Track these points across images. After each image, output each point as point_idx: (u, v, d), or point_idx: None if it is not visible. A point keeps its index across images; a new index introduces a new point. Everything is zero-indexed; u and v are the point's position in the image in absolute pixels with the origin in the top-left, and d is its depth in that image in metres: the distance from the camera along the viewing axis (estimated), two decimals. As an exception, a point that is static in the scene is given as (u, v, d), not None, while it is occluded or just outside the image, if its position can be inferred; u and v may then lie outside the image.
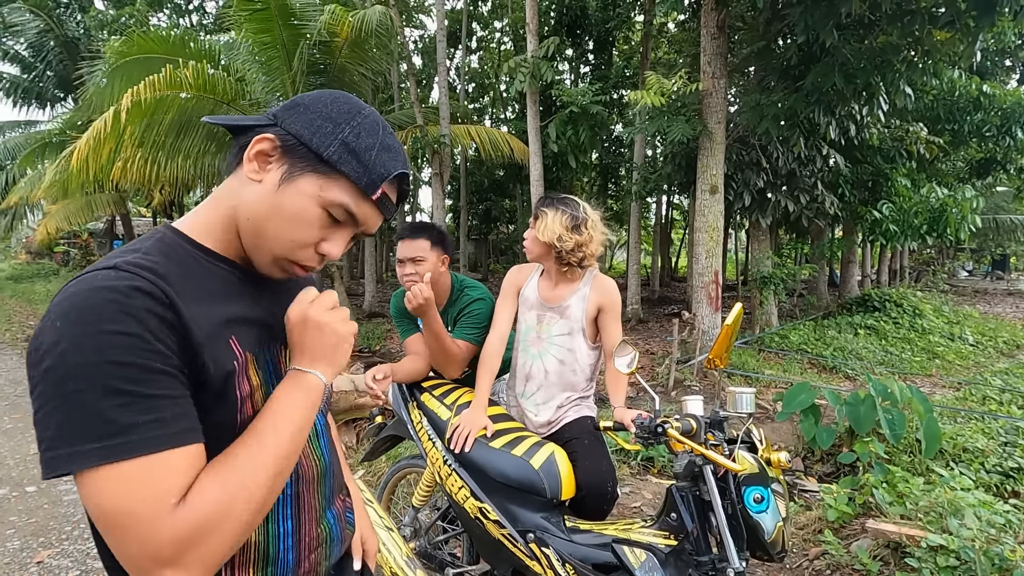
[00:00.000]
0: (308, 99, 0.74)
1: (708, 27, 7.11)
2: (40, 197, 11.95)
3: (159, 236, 0.72)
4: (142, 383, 0.58)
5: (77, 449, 0.56)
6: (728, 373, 6.38)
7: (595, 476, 1.79)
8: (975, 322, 10.79)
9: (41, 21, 14.80)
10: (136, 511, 0.57)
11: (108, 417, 0.57)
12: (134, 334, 0.59)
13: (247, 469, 0.63)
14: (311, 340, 0.74)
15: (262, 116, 0.75)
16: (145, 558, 0.57)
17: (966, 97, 8.91)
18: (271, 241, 0.73)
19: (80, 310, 0.58)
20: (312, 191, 0.71)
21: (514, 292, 2.10)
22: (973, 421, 4.39)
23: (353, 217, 0.74)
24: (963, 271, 23.73)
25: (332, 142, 0.71)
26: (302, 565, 0.77)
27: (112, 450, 0.56)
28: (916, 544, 2.31)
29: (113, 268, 0.62)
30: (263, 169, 0.72)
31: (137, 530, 0.57)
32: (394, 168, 0.75)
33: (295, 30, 8.43)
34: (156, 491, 0.58)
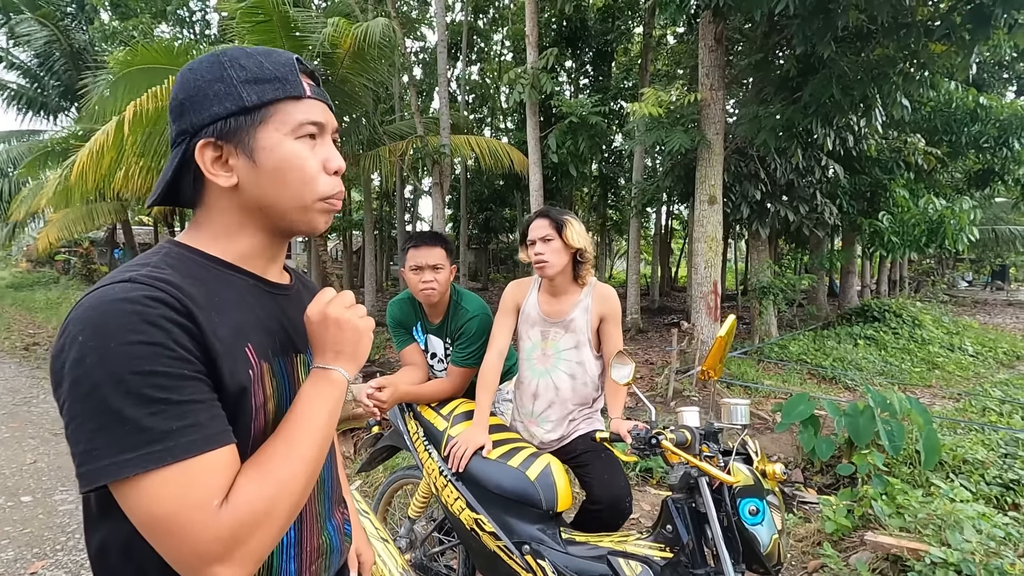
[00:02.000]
0: (183, 92, 0.72)
1: (706, 39, 7.17)
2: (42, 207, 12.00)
3: (165, 251, 0.72)
4: (172, 390, 0.60)
5: (117, 459, 0.57)
6: (727, 384, 6.37)
7: (614, 490, 1.79)
8: (975, 333, 10.77)
9: (48, 32, 14.95)
10: (184, 513, 0.58)
11: (144, 425, 0.58)
12: (158, 343, 0.60)
13: (284, 466, 0.65)
14: (332, 337, 0.75)
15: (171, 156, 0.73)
16: (196, 557, 0.59)
17: (963, 109, 8.96)
18: (295, 199, 0.73)
19: (102, 323, 0.59)
20: (276, 137, 0.71)
21: (513, 308, 2.06)
22: (973, 432, 4.37)
23: (315, 124, 0.74)
24: (963, 282, 23.73)
25: (238, 91, 0.70)
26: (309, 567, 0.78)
27: (153, 456, 0.58)
28: (916, 557, 2.30)
29: (129, 281, 0.63)
30: (228, 168, 0.71)
31: (188, 531, 0.58)
32: (288, 58, 0.75)
33: (297, 42, 8.50)
34: (201, 493, 0.59)
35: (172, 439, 0.59)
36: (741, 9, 6.22)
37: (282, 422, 0.70)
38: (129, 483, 0.58)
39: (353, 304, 0.79)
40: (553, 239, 1.90)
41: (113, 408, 0.57)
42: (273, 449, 0.67)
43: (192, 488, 0.59)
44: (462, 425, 1.95)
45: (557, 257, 1.90)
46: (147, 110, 7.48)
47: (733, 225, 9.35)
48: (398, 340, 2.28)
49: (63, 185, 8.53)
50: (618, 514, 1.81)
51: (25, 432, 4.84)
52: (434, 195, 10.56)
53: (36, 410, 5.59)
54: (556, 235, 1.90)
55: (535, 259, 1.92)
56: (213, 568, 0.59)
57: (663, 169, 10.07)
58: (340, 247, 24.10)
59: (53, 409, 5.60)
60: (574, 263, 1.95)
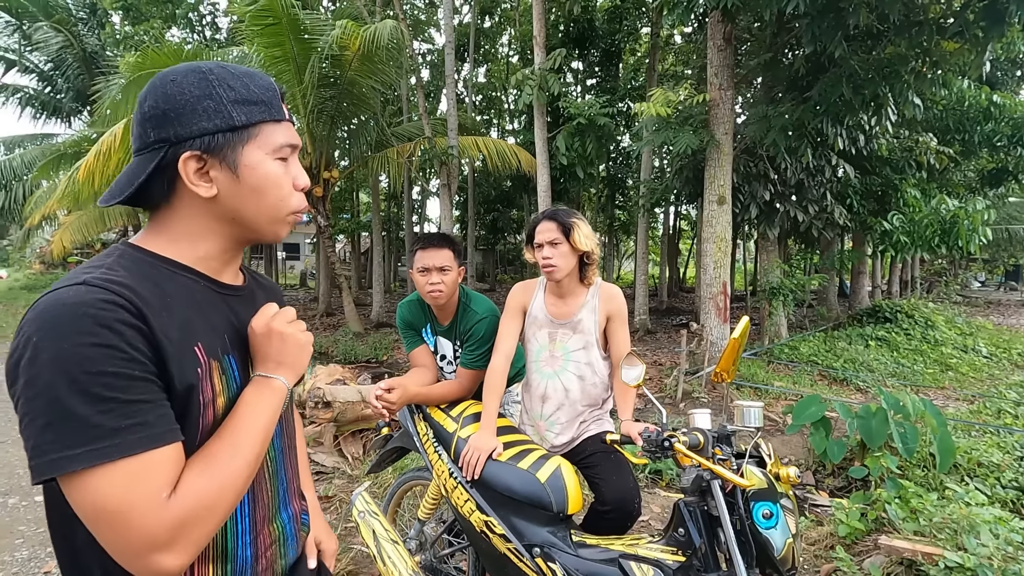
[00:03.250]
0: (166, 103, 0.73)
1: (715, 39, 7.14)
2: (54, 209, 12.14)
3: (120, 253, 0.74)
4: (122, 390, 0.63)
5: (66, 454, 0.60)
6: (737, 385, 6.33)
7: (623, 492, 1.79)
8: (989, 334, 10.64)
9: (62, 37, 15.15)
10: (133, 505, 0.62)
11: (93, 422, 0.61)
12: (111, 344, 0.63)
13: (227, 465, 0.70)
14: (276, 349, 0.81)
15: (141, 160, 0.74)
16: (143, 546, 0.63)
17: (976, 107, 8.85)
18: (268, 212, 0.79)
19: (57, 325, 0.62)
20: (259, 156, 0.77)
21: (519, 310, 2.05)
22: (988, 435, 4.31)
23: (291, 146, 0.81)
24: (976, 282, 23.45)
25: (228, 110, 0.74)
26: (259, 561, 0.81)
27: (100, 452, 0.61)
28: (931, 562, 2.27)
29: (84, 284, 0.65)
30: (208, 180, 0.75)
31: (136, 521, 0.62)
32: (270, 83, 0.81)
33: (306, 44, 8.56)
34: (149, 487, 0.63)
35: (120, 436, 0.62)
36: (750, 8, 6.18)
37: (226, 423, 0.74)
38: (76, 476, 0.61)
39: (295, 319, 0.85)
40: (560, 243, 1.89)
41: (65, 406, 0.60)
42: (218, 448, 0.71)
43: (140, 482, 0.63)
44: (471, 427, 1.94)
45: (564, 261, 1.89)
46: (158, 113, 7.56)
47: (742, 225, 9.30)
48: (408, 341, 2.27)
49: (71, 187, 8.64)
50: (627, 516, 1.80)
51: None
52: (442, 196, 10.58)
53: (49, 410, 5.65)
54: (563, 239, 1.88)
55: (542, 263, 1.91)
56: (156, 555, 0.63)
57: (671, 169, 10.03)
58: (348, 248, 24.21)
59: (66, 409, 5.66)
60: (580, 264, 1.95)
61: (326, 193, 10.58)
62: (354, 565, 2.77)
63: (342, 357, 9.05)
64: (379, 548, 2.05)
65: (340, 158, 12.84)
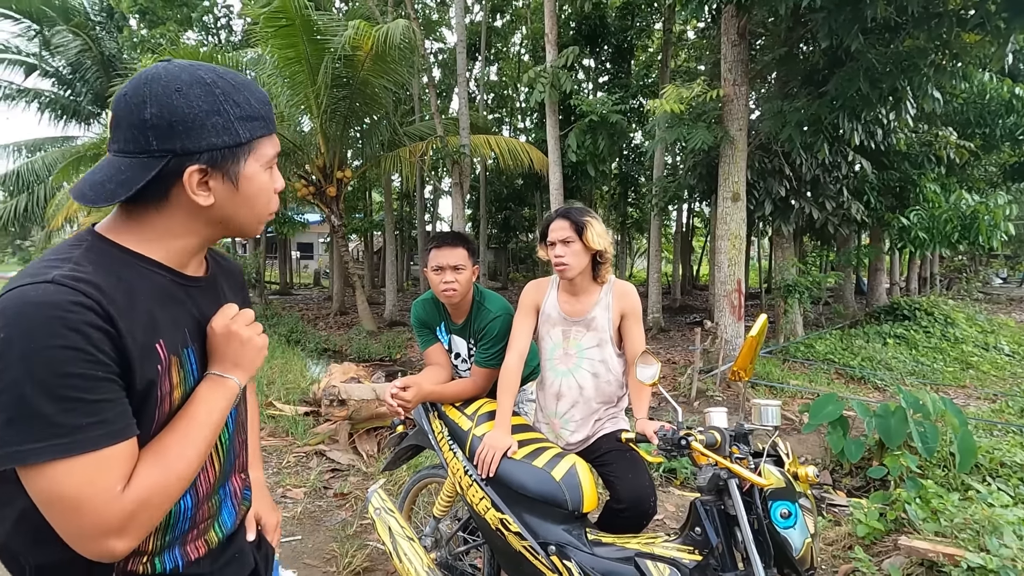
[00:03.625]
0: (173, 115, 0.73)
1: (728, 34, 7.07)
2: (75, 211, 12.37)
3: (87, 245, 0.75)
4: (86, 390, 0.66)
5: (28, 447, 0.64)
6: (752, 384, 6.27)
7: (638, 491, 1.79)
8: (1011, 331, 10.43)
9: (81, 41, 15.40)
10: (89, 496, 0.66)
11: (55, 421, 0.64)
12: (78, 347, 0.65)
13: (177, 457, 0.74)
14: (234, 351, 0.84)
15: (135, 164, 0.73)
16: (96, 532, 0.67)
17: (997, 100, 8.68)
18: (258, 216, 0.85)
19: (25, 325, 0.64)
20: (255, 168, 0.81)
21: (532, 309, 2.05)
22: (1011, 434, 4.23)
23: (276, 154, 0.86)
24: (997, 279, 23.00)
25: (235, 127, 0.77)
26: (193, 531, 0.86)
27: (60, 448, 0.64)
28: (953, 563, 2.23)
29: (52, 282, 0.66)
30: (207, 189, 0.77)
31: (90, 511, 0.66)
32: (264, 96, 0.84)
33: (319, 45, 8.62)
34: (107, 480, 0.67)
35: (81, 433, 0.65)
36: (765, 2, 6.11)
37: (179, 417, 0.78)
38: (36, 468, 0.65)
39: (253, 322, 0.88)
40: (573, 241, 1.88)
41: (30, 404, 0.63)
42: (171, 441, 0.75)
43: (96, 476, 0.66)
44: (486, 425, 1.95)
45: (577, 260, 1.89)
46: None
47: (756, 222, 9.19)
48: (422, 340, 2.28)
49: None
50: (642, 514, 1.80)
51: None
52: (454, 195, 10.61)
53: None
54: (576, 237, 1.87)
55: (555, 261, 1.91)
56: (109, 540, 0.68)
57: (685, 166, 9.96)
58: (361, 248, 24.36)
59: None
60: (593, 263, 1.94)
61: (339, 193, 10.65)
62: (370, 562, 2.79)
63: (356, 355, 9.12)
64: (395, 545, 2.06)
65: (353, 158, 12.92)
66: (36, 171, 15.37)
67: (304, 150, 10.45)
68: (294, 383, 6.04)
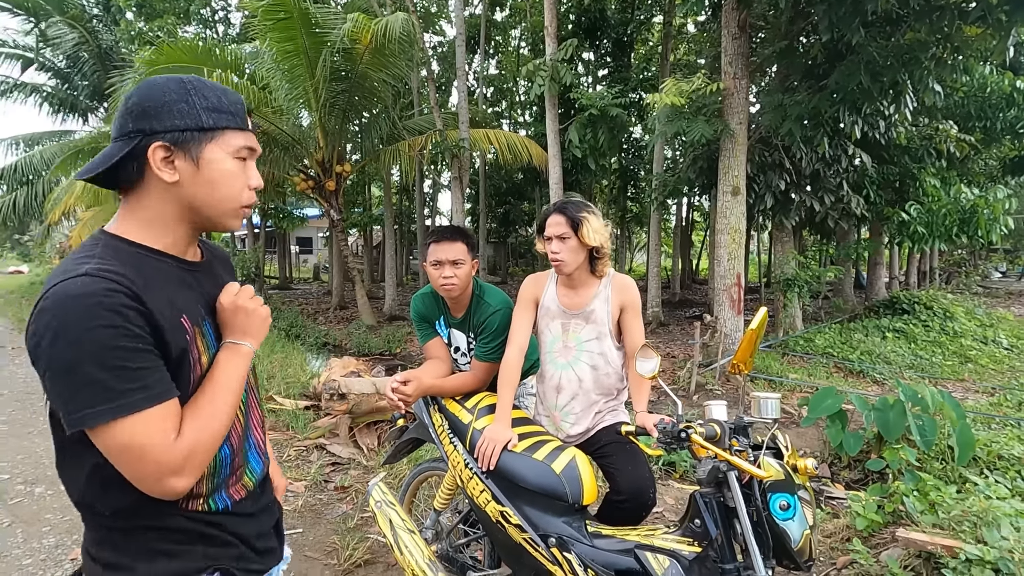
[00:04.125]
0: (148, 102, 0.88)
1: (729, 27, 7.04)
2: (73, 205, 12.34)
3: (103, 242, 0.88)
4: (129, 360, 0.79)
5: (92, 410, 0.78)
6: (752, 377, 6.29)
7: (638, 482, 1.80)
8: (1010, 325, 10.45)
9: (77, 34, 15.31)
10: (149, 447, 0.81)
11: (109, 386, 0.78)
12: (117, 325, 0.78)
13: (214, 412, 0.90)
14: (241, 322, 0.98)
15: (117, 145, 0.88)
16: (160, 474, 0.82)
17: (998, 93, 8.66)
18: (222, 204, 0.94)
19: (72, 312, 0.77)
20: (220, 153, 0.91)
21: (532, 302, 2.06)
22: (1008, 428, 4.25)
23: (251, 150, 0.96)
24: (996, 272, 23.01)
25: (199, 114, 0.89)
26: (233, 476, 1.01)
27: (115, 410, 0.78)
28: (951, 555, 2.25)
29: (85, 275, 0.79)
30: (173, 169, 0.89)
31: (152, 458, 0.81)
32: (241, 100, 0.96)
33: (317, 38, 8.58)
34: (159, 433, 0.82)
35: (129, 397, 0.79)
36: (765, -5, 6.08)
37: (208, 380, 0.92)
38: (102, 428, 0.79)
39: (254, 295, 1.01)
40: (569, 237, 1.88)
41: (86, 376, 0.77)
42: (206, 399, 0.90)
43: (152, 429, 0.81)
44: (487, 418, 1.95)
45: (572, 256, 1.90)
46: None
47: (756, 216, 9.19)
48: (421, 334, 2.29)
49: (92, 183, 8.75)
50: (641, 505, 1.81)
51: (62, 423, 5.01)
52: (453, 189, 10.59)
53: (72, 402, 5.77)
54: (572, 233, 1.87)
55: (551, 257, 1.92)
56: (171, 480, 0.83)
57: (685, 160, 9.94)
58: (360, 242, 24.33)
59: (88, 401, 5.78)
60: (590, 258, 1.95)
61: (338, 187, 10.63)
62: (371, 554, 2.81)
63: (356, 350, 9.13)
64: (396, 537, 2.07)
65: (352, 152, 12.88)
66: (34, 166, 15.32)
67: (303, 144, 10.41)
68: (294, 377, 6.05)
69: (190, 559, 0.92)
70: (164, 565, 0.90)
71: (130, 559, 0.89)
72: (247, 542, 1.01)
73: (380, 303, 13.34)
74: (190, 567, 0.92)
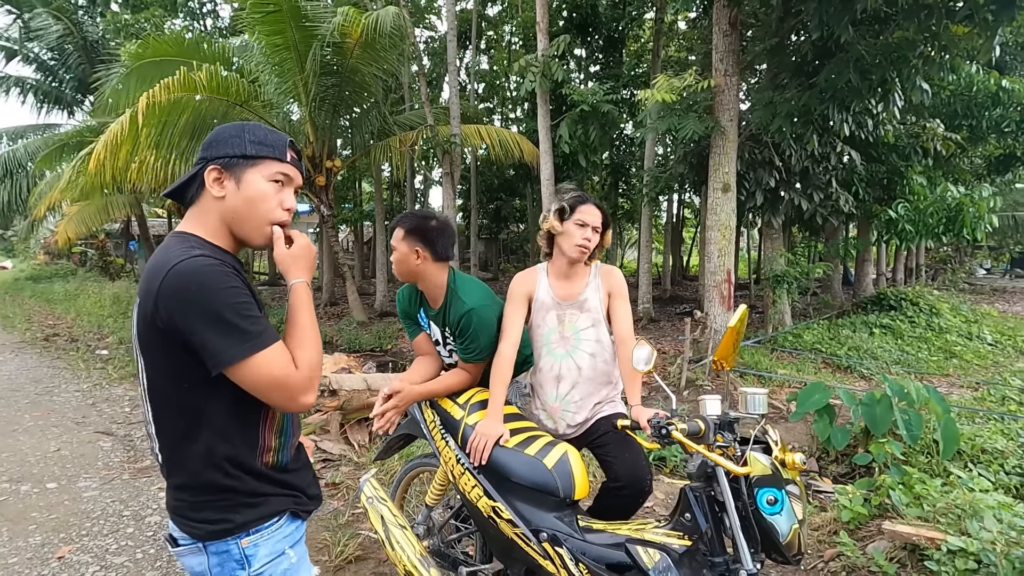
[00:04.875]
0: (213, 137, 1.16)
1: (720, 24, 7.05)
2: (59, 200, 12.15)
3: (190, 242, 1.10)
4: (252, 309, 1.06)
5: (238, 349, 1.03)
6: (741, 373, 6.34)
7: (636, 470, 1.82)
8: (994, 321, 10.60)
9: (62, 25, 15.04)
10: (285, 374, 1.07)
11: (245, 328, 1.03)
12: (239, 286, 1.06)
13: (309, 336, 1.15)
14: (293, 265, 1.21)
15: (192, 168, 1.16)
16: (297, 393, 1.09)
17: (984, 92, 8.75)
18: (256, 219, 1.16)
19: (207, 277, 1.02)
20: (257, 176, 1.15)
21: (524, 298, 2.07)
22: (992, 422, 4.32)
23: (287, 176, 1.19)
24: (981, 269, 23.32)
25: (246, 145, 1.14)
26: (295, 435, 1.26)
27: (254, 345, 1.04)
28: (935, 546, 2.28)
29: (200, 256, 1.05)
30: (221, 187, 1.13)
31: (289, 382, 1.07)
32: (285, 139, 1.20)
33: (307, 32, 8.49)
34: (287, 362, 1.08)
35: (262, 336, 1.05)
36: (756, -7, 6.10)
37: (290, 319, 1.16)
38: (244, 364, 1.03)
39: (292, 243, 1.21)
40: (599, 232, 2.01)
41: (229, 322, 1.02)
42: (298, 332, 1.14)
43: (281, 361, 1.07)
44: (478, 414, 1.96)
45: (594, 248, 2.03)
46: (159, 101, 7.52)
47: (746, 213, 9.24)
48: (408, 330, 2.28)
49: (78, 176, 8.61)
50: (639, 493, 1.83)
51: (48, 421, 4.95)
52: (444, 185, 10.55)
53: (58, 399, 5.70)
54: (601, 231, 2.02)
55: (581, 242, 1.97)
56: (305, 397, 1.10)
57: (676, 157, 9.96)
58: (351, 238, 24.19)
59: (75, 399, 5.71)
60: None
61: (329, 182, 10.55)
62: (362, 550, 2.80)
63: (347, 346, 9.09)
64: (387, 533, 2.07)
65: (343, 147, 12.79)
66: (18, 159, 15.07)
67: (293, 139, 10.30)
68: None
69: (267, 507, 1.15)
70: (252, 512, 1.12)
71: (223, 514, 1.11)
72: (302, 490, 1.24)
73: (371, 299, 13.27)
74: (268, 512, 1.15)
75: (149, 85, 7.62)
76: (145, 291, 1.05)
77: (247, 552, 1.12)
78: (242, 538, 1.11)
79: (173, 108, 8.05)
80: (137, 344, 1.11)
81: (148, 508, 3.36)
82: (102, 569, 2.74)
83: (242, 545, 1.11)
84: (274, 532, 1.16)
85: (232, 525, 1.10)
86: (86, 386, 6.18)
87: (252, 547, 1.12)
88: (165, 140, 8.46)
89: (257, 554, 1.13)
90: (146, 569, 2.74)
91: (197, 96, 8.21)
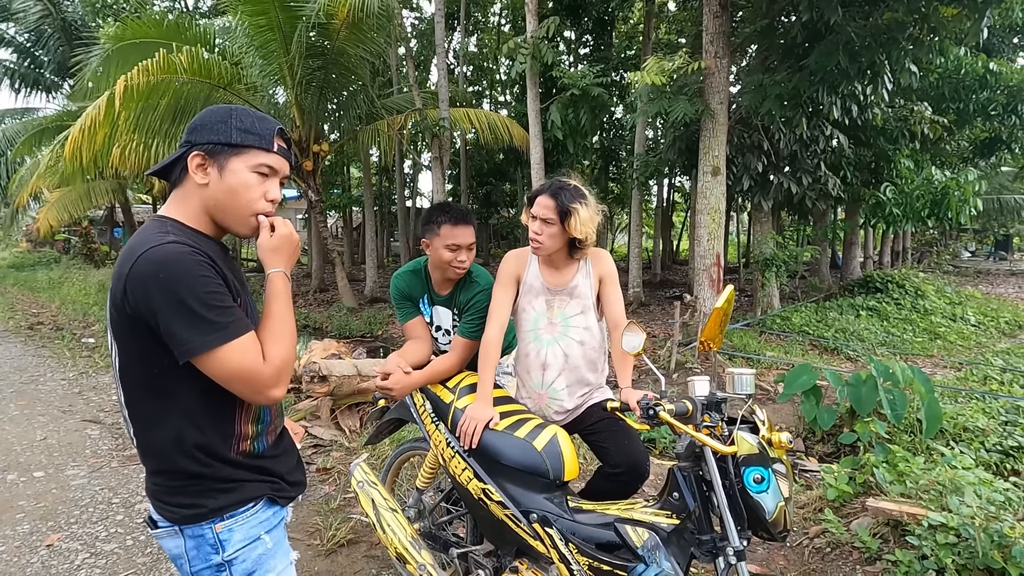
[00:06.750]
0: (199, 121, 1.12)
1: (710, 6, 7.00)
2: (38, 186, 11.91)
3: (169, 226, 1.08)
4: (222, 299, 1.03)
5: (203, 339, 1.00)
6: (729, 355, 6.40)
7: (634, 455, 1.83)
8: (977, 303, 10.77)
9: (41, 6, 14.61)
10: (253, 366, 1.05)
11: (212, 319, 1.00)
12: (208, 274, 1.02)
13: (282, 328, 1.13)
14: (272, 253, 1.17)
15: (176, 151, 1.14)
16: (264, 387, 1.07)
17: (972, 75, 8.79)
18: (238, 209, 1.13)
19: (174, 264, 0.99)
20: (240, 166, 1.11)
21: (513, 280, 2.04)
22: (974, 401, 4.40)
23: (272, 168, 1.15)
24: (966, 252, 23.62)
25: (231, 132, 1.10)
26: (272, 423, 1.24)
27: (222, 336, 1.01)
28: (916, 522, 2.33)
29: (172, 243, 1.02)
30: (205, 173, 1.11)
31: (256, 375, 1.05)
32: (273, 126, 1.16)
33: (292, 12, 8.32)
34: (255, 355, 1.05)
35: (229, 328, 1.02)
36: (747, -27, 6.04)
37: (266, 310, 1.14)
38: (211, 355, 1.01)
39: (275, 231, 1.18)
40: (553, 224, 1.85)
41: (195, 312, 0.99)
42: (272, 323, 1.12)
43: (250, 352, 1.05)
44: (468, 398, 1.95)
45: (551, 242, 1.88)
46: (138, 84, 7.35)
47: (736, 197, 9.26)
48: (402, 313, 2.26)
49: (55, 161, 8.43)
50: (638, 477, 1.84)
51: (34, 410, 4.90)
52: (434, 169, 10.46)
53: (44, 388, 5.64)
54: (558, 221, 1.85)
55: (531, 236, 1.91)
56: (273, 390, 1.08)
57: (666, 141, 9.94)
58: (340, 224, 23.99)
59: (61, 387, 5.65)
60: (571, 245, 1.93)
61: (316, 167, 10.42)
62: (354, 534, 2.82)
63: (337, 332, 9.06)
64: (378, 517, 2.08)
65: (330, 131, 12.61)
66: (-3, 145, 14.72)
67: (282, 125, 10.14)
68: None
69: (241, 493, 1.14)
70: (225, 498, 1.12)
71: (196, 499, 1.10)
72: (282, 477, 1.23)
73: (361, 285, 13.22)
74: (242, 497, 1.14)
75: (129, 68, 7.44)
76: (116, 275, 1.04)
77: (221, 537, 1.12)
78: (216, 523, 1.11)
79: (153, 91, 7.88)
80: (109, 326, 1.10)
81: (137, 495, 3.34)
82: (92, 556, 2.73)
83: (216, 530, 1.11)
84: (249, 518, 1.15)
85: (205, 510, 1.10)
86: (72, 374, 6.12)
87: (226, 532, 1.12)
88: (145, 123, 8.29)
89: (231, 539, 1.12)
90: (136, 555, 2.74)
91: (178, 79, 8.04)
